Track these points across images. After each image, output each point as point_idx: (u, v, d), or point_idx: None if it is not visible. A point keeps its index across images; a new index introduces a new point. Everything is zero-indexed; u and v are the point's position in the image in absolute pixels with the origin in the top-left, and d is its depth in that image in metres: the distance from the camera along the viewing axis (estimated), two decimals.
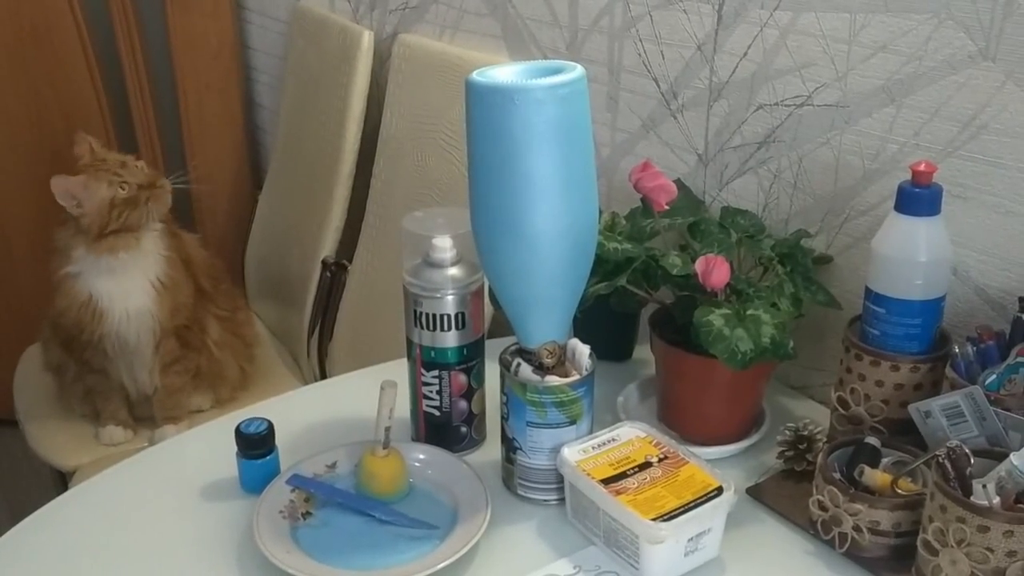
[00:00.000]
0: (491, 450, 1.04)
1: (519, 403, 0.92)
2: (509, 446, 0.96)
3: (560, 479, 0.93)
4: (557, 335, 0.93)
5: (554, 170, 0.85)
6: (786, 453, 0.98)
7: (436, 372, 1.01)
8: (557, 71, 0.85)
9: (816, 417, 1.01)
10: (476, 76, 0.84)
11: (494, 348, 0.99)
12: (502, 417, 0.96)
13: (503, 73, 0.86)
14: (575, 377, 0.91)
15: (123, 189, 1.48)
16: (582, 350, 0.93)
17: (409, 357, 1.02)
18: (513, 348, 0.95)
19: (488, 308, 1.04)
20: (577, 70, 0.85)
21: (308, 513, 0.92)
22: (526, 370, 0.92)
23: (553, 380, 0.91)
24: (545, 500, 0.96)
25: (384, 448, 0.94)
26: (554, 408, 0.91)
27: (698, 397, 1.02)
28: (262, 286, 2.16)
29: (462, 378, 1.01)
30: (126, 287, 1.52)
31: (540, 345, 0.92)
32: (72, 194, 1.47)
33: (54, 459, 1.66)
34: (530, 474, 0.95)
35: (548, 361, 0.92)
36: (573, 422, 0.92)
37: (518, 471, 0.95)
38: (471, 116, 0.86)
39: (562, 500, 0.94)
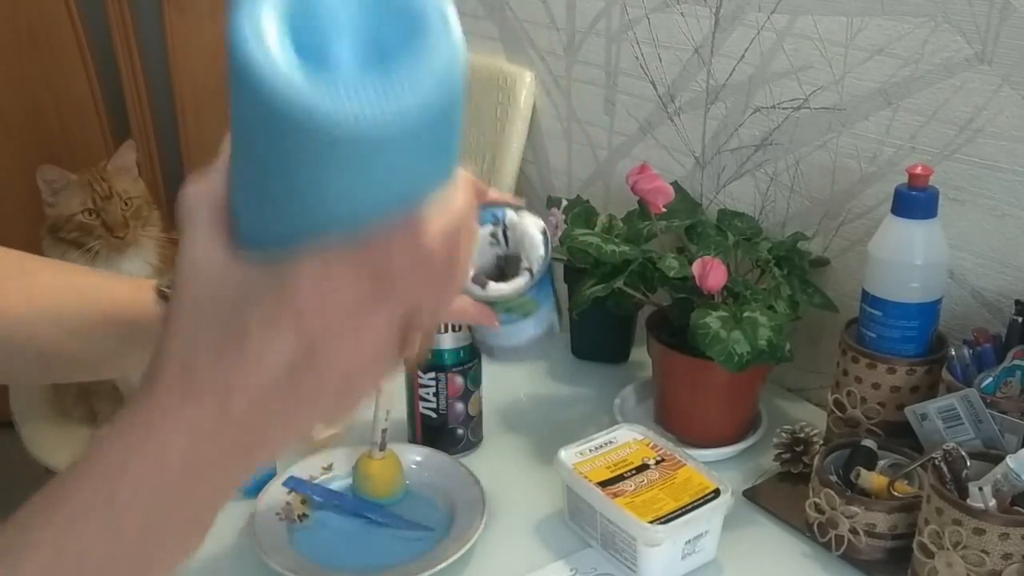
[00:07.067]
0: (488, 452, 1.04)
1: None
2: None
3: (533, 343, 0.73)
4: None
5: None
6: (783, 455, 0.98)
7: (433, 374, 1.01)
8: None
9: (812, 419, 1.01)
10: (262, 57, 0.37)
11: None
12: None
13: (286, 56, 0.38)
14: (522, 281, 0.65)
15: (87, 216, 1.47)
16: (532, 233, 0.65)
17: None
18: None
19: None
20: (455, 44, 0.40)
21: (304, 515, 0.92)
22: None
23: (495, 289, 0.65)
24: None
25: (380, 450, 0.94)
26: (503, 313, 0.67)
27: (695, 399, 1.02)
28: None
29: (459, 380, 1.01)
30: None
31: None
32: (52, 187, 1.47)
33: (50, 461, 1.66)
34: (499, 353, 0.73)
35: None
36: (527, 315, 0.69)
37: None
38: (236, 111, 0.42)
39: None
